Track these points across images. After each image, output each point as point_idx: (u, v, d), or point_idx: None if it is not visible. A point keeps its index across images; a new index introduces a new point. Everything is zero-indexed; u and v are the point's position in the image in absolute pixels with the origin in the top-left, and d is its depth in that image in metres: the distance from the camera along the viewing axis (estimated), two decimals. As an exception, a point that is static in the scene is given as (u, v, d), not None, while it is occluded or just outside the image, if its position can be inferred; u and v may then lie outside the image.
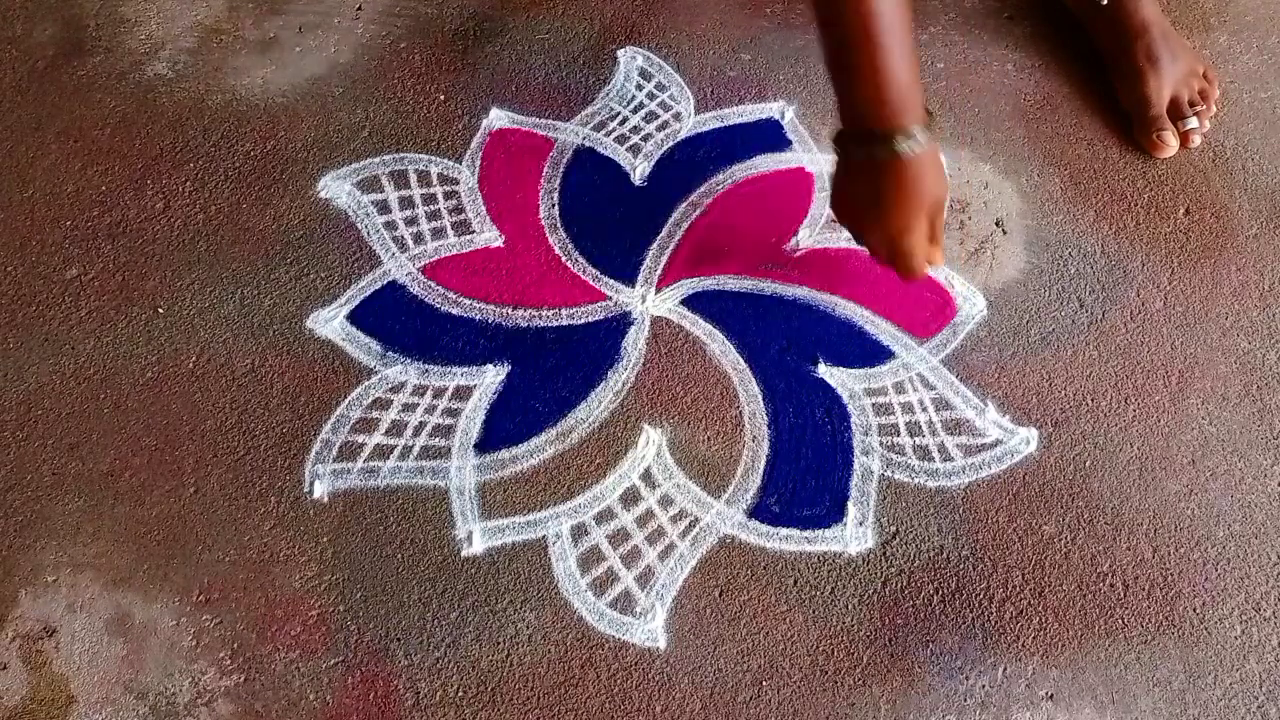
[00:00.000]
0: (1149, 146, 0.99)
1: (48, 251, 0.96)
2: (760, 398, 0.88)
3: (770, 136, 1.02)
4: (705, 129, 1.03)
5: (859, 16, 0.71)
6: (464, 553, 0.82)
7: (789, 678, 0.76)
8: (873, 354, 0.90)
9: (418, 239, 0.96)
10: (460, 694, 0.76)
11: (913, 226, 0.79)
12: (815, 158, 1.00)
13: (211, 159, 1.01)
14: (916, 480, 0.84)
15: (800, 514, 0.82)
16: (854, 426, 0.86)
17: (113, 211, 0.98)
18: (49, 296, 0.94)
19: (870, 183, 0.78)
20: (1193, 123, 0.99)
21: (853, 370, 0.89)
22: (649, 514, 0.83)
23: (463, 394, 0.88)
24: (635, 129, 1.03)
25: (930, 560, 0.81)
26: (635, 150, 1.01)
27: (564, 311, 0.92)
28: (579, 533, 0.82)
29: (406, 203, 0.98)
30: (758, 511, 0.83)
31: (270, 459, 0.85)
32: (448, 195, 0.99)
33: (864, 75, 0.73)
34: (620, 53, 1.08)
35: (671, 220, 0.97)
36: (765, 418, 0.87)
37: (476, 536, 0.82)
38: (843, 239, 0.96)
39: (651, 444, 0.86)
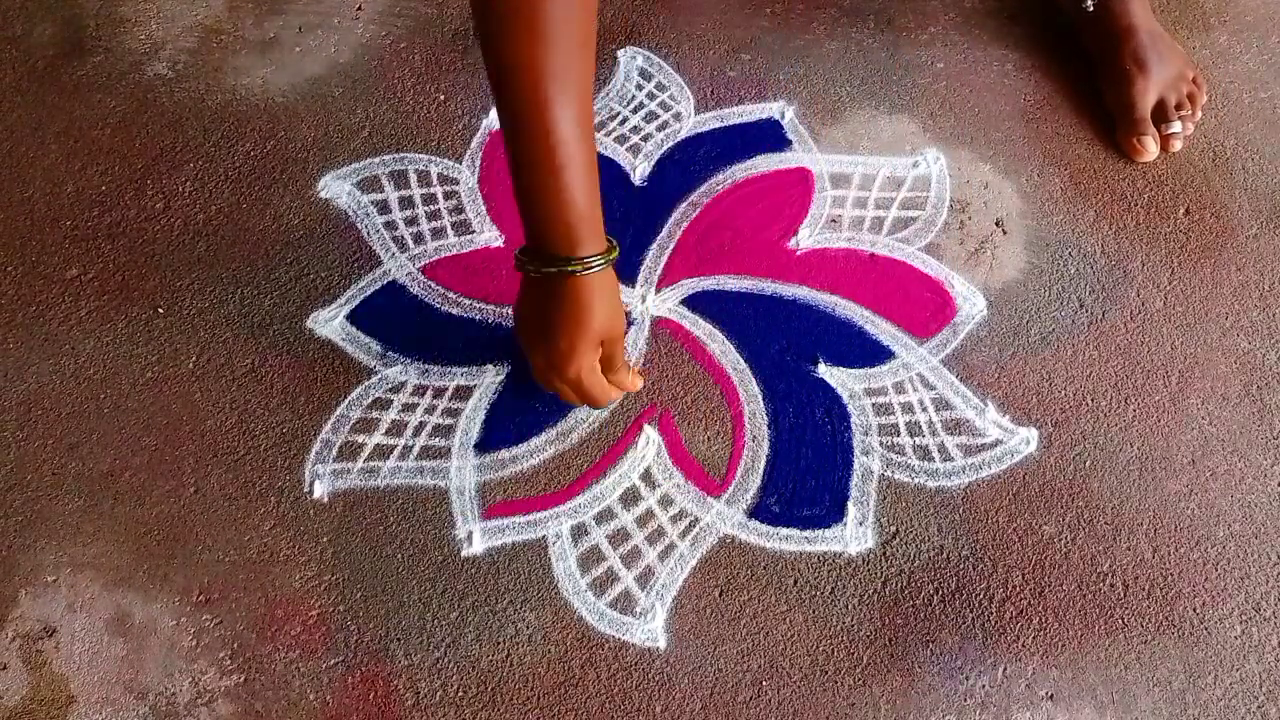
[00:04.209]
0: (1129, 149, 0.99)
1: (48, 251, 0.96)
2: (760, 398, 0.88)
3: (770, 136, 1.02)
4: (705, 129, 1.03)
5: (544, 144, 0.68)
6: (464, 553, 0.82)
7: (789, 678, 0.76)
8: (873, 354, 0.90)
9: (418, 239, 0.96)
10: (460, 694, 0.76)
11: (578, 352, 0.75)
12: (815, 158, 1.00)
13: (211, 159, 1.01)
14: (916, 480, 0.84)
15: (800, 514, 0.82)
16: (854, 426, 0.86)
17: (113, 211, 0.98)
18: (49, 296, 0.94)
19: (542, 301, 0.75)
20: (1175, 126, 0.98)
21: (853, 370, 0.89)
22: (649, 514, 0.83)
23: (463, 394, 0.88)
24: (635, 129, 1.03)
25: (930, 560, 0.81)
26: (635, 150, 1.01)
27: (564, 311, 0.92)
28: (579, 533, 0.82)
29: (406, 203, 0.98)
30: (758, 511, 0.83)
31: (270, 459, 0.85)
32: (448, 195, 0.99)
33: (545, 200, 0.70)
34: (620, 53, 1.08)
35: (671, 220, 0.97)
36: (765, 418, 0.87)
37: (476, 536, 0.82)
38: (842, 239, 0.96)
39: (651, 444, 0.86)
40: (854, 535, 0.81)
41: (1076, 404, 0.87)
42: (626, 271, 0.94)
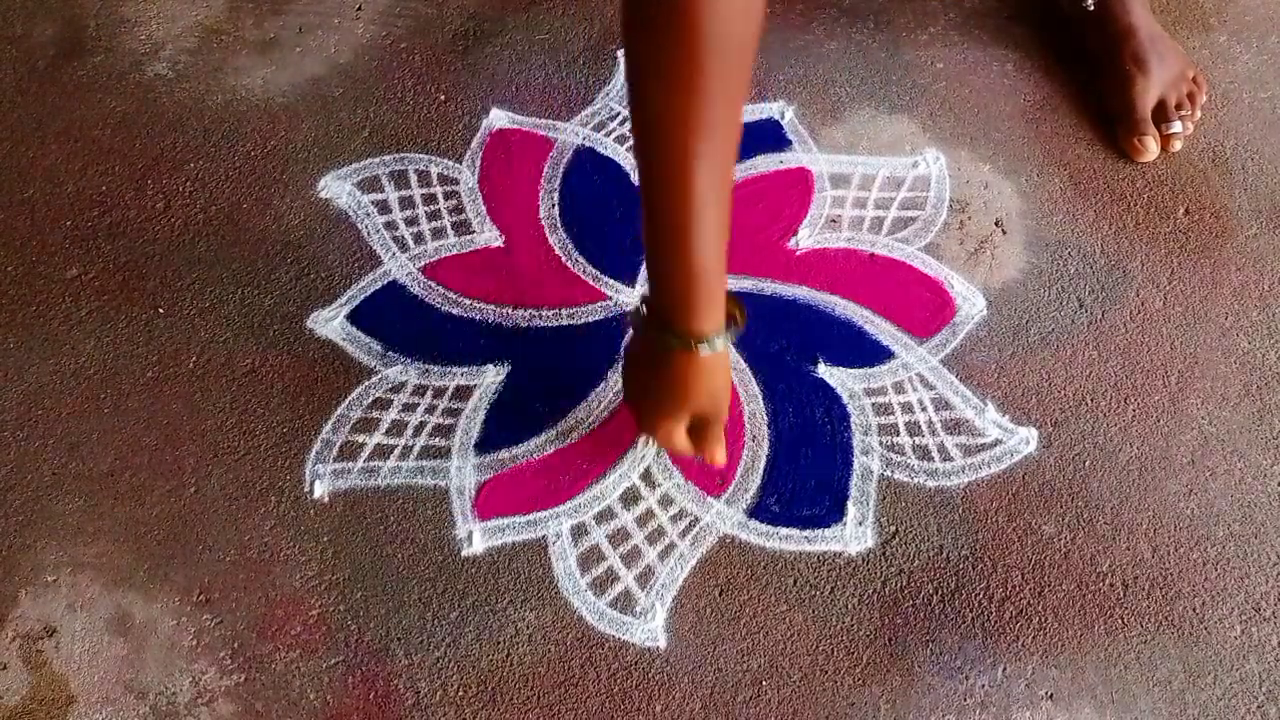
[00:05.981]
0: (1129, 150, 0.99)
1: (48, 251, 0.96)
2: (760, 398, 0.88)
3: (770, 136, 1.02)
4: (705, 129, 1.02)
5: (678, 197, 0.64)
6: (464, 553, 0.82)
7: (789, 678, 0.76)
8: (872, 354, 0.90)
9: (418, 239, 0.96)
10: (460, 694, 0.76)
11: (669, 422, 0.75)
12: (815, 158, 1.00)
13: (211, 159, 1.01)
14: (916, 480, 0.84)
15: (800, 514, 0.82)
16: (854, 426, 0.86)
17: (113, 211, 0.98)
18: (49, 296, 0.94)
19: (647, 360, 0.74)
20: (1176, 127, 0.98)
21: (853, 370, 0.89)
22: (649, 513, 0.83)
23: (463, 394, 0.88)
24: (635, 129, 1.02)
25: (930, 560, 0.81)
26: (635, 150, 1.01)
27: (564, 311, 0.92)
28: (579, 532, 0.82)
29: (406, 203, 0.98)
30: (758, 511, 0.83)
31: (270, 459, 0.85)
32: (448, 195, 0.99)
33: (669, 257, 0.67)
34: (620, 53, 1.08)
35: (671, 220, 0.97)
36: (765, 418, 0.87)
37: (476, 536, 0.82)
38: (842, 239, 0.96)
39: (651, 444, 0.86)
40: (854, 535, 0.81)
41: (1076, 404, 0.87)
42: (627, 271, 0.94)
